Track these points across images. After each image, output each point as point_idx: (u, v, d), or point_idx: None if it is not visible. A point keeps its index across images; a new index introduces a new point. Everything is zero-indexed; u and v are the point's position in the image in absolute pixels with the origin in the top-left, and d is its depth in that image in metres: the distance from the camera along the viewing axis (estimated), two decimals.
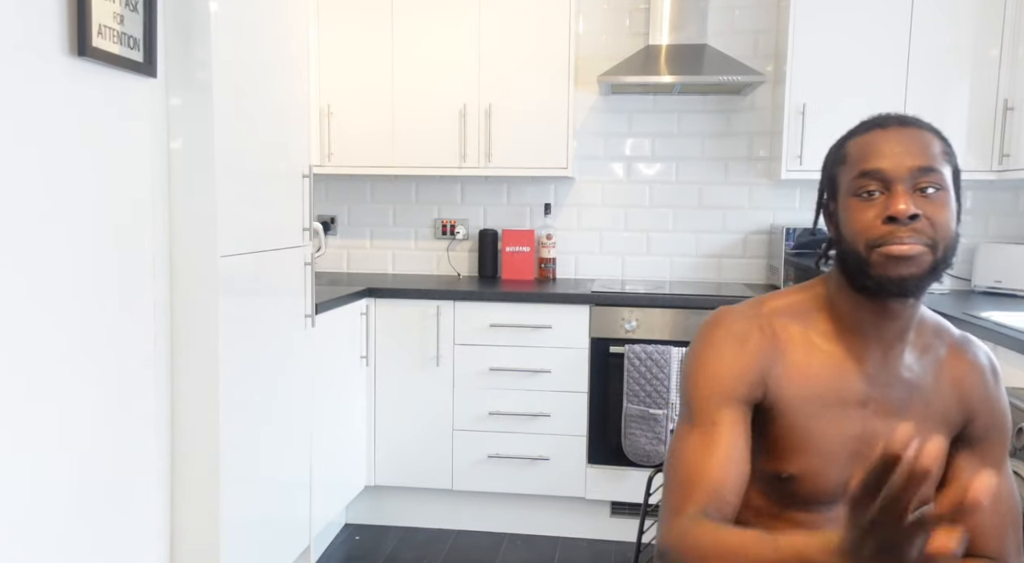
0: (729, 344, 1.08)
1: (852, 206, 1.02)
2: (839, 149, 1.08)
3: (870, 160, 1.01)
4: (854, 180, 1.02)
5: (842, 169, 1.05)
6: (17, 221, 1.43)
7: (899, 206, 0.97)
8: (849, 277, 1.04)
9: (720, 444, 1.03)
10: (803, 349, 1.08)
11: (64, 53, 1.53)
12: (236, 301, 2.04)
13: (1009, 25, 2.92)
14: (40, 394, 1.50)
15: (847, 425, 1.07)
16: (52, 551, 1.55)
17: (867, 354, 1.08)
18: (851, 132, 1.08)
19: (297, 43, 2.40)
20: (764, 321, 1.10)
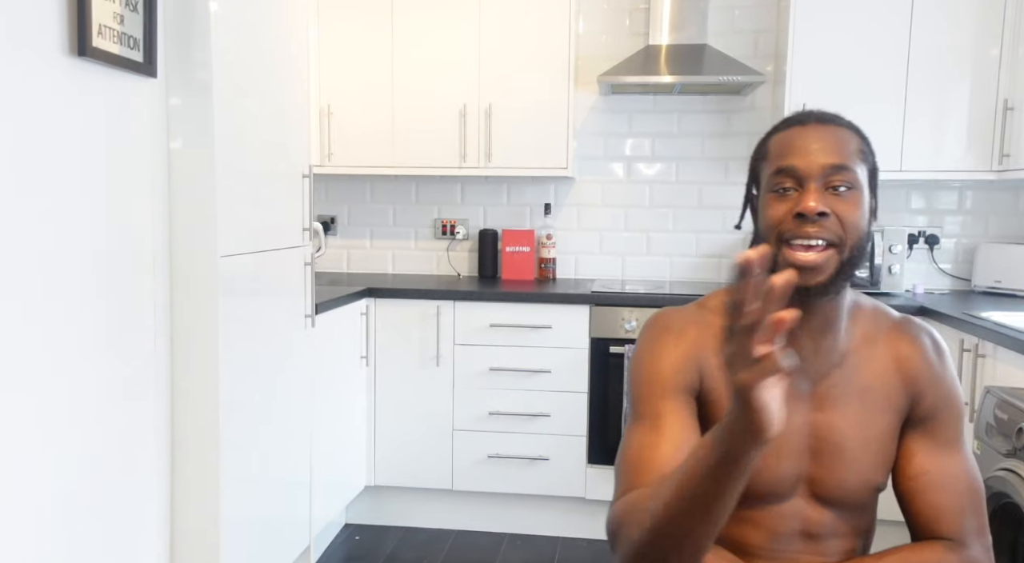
0: (665, 339, 1.10)
1: (768, 201, 1.05)
2: (762, 145, 1.10)
3: (786, 157, 1.04)
4: (771, 176, 1.05)
5: (763, 164, 1.08)
6: (17, 221, 1.43)
7: (808, 203, 0.99)
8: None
9: (665, 433, 1.03)
10: None
11: (64, 53, 1.53)
12: (236, 301, 2.04)
13: (1009, 25, 2.92)
14: (40, 394, 1.50)
15: (788, 420, 1.06)
16: (52, 551, 1.55)
17: (800, 349, 1.08)
18: (775, 128, 1.10)
19: (297, 43, 2.40)
20: (701, 317, 1.12)
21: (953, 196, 3.34)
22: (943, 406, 1.11)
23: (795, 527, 1.09)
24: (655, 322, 1.13)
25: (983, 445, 1.97)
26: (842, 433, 1.08)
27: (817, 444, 1.08)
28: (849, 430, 1.08)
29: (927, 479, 1.09)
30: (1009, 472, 1.79)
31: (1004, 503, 1.82)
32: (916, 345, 1.13)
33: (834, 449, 1.08)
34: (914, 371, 1.12)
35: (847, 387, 1.09)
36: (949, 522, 1.07)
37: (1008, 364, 2.21)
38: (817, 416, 1.08)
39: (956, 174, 3.02)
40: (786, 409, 1.07)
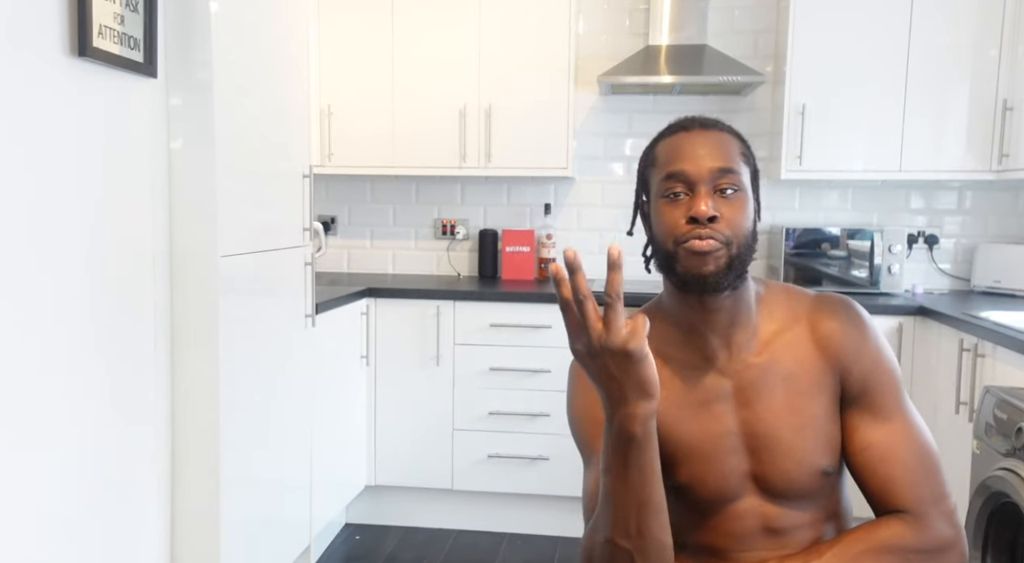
0: (577, 384, 1.13)
1: (661, 207, 1.07)
2: (650, 151, 1.11)
3: (675, 162, 1.06)
4: (662, 182, 1.06)
5: (652, 171, 1.10)
6: (17, 221, 1.43)
7: (700, 207, 1.03)
8: (664, 275, 1.09)
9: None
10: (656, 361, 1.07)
11: (65, 53, 1.53)
12: (236, 301, 2.04)
13: (1009, 25, 2.92)
14: (40, 394, 1.51)
15: (716, 423, 1.09)
16: (53, 551, 1.55)
17: (711, 350, 1.10)
18: (660, 135, 1.12)
19: (297, 43, 2.40)
20: None
21: (952, 196, 3.34)
22: (873, 376, 1.09)
23: (755, 525, 1.10)
24: (573, 365, 1.15)
25: (983, 445, 1.97)
26: (772, 425, 1.08)
27: (751, 440, 1.09)
28: (779, 420, 1.08)
29: (872, 452, 1.07)
30: (1009, 472, 1.79)
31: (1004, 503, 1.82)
32: (833, 320, 1.11)
33: (768, 442, 1.08)
34: (835, 347, 1.10)
35: (768, 377, 1.09)
36: (903, 494, 1.05)
37: (1008, 364, 2.21)
38: (744, 412, 1.09)
39: (955, 174, 3.02)
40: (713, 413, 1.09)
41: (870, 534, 1.04)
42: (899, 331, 2.81)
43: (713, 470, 1.08)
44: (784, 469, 1.08)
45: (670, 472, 1.09)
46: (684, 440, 1.09)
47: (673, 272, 1.06)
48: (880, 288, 3.09)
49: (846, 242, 3.15)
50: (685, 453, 1.09)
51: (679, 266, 1.05)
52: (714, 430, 1.09)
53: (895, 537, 1.03)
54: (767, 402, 1.09)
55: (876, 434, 1.08)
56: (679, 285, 1.07)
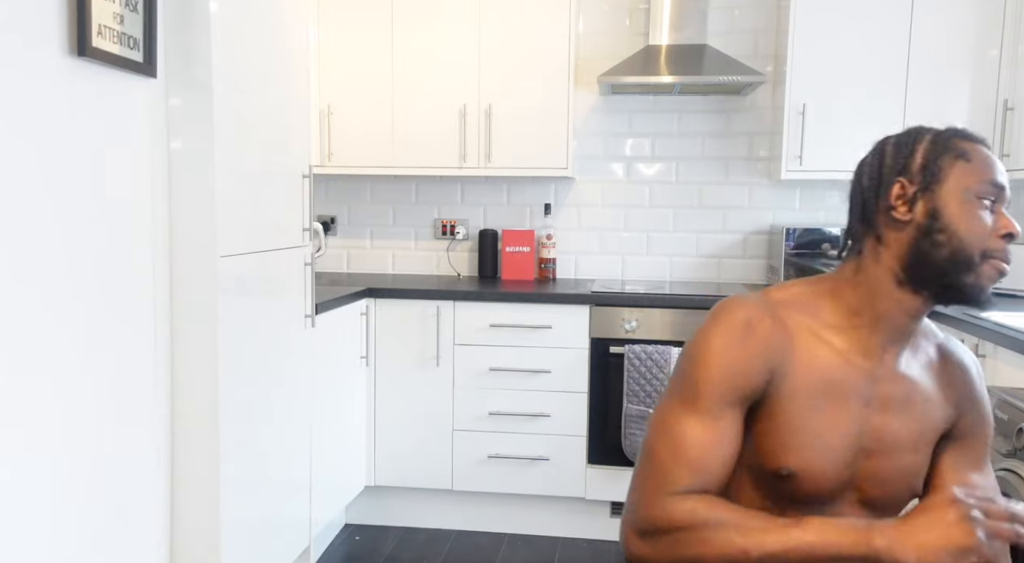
0: (740, 334, 1.06)
1: (974, 207, 1.02)
2: (947, 142, 1.06)
3: (995, 173, 1.04)
4: (983, 184, 1.03)
5: (959, 165, 1.04)
6: (17, 221, 1.43)
7: (1017, 227, 1.02)
8: (929, 272, 1.04)
9: (721, 436, 1.04)
10: (811, 340, 1.08)
11: (64, 53, 1.53)
12: (236, 301, 2.04)
13: (1009, 25, 2.92)
14: (39, 394, 1.50)
15: (848, 421, 1.07)
16: (52, 551, 1.55)
17: (874, 350, 1.09)
18: (953, 133, 1.07)
19: (297, 43, 2.40)
20: (774, 311, 1.09)
21: None
22: (978, 426, 1.15)
23: None
24: (735, 314, 1.07)
25: None
26: (898, 439, 1.09)
27: (873, 446, 1.09)
28: (905, 436, 1.10)
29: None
30: (1009, 472, 1.79)
31: None
32: (963, 366, 1.16)
33: (888, 453, 1.09)
34: (959, 390, 1.15)
35: (911, 394, 1.11)
36: None
37: (1008, 364, 2.21)
38: (877, 419, 1.09)
39: None
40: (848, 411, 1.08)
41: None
42: None
43: (827, 465, 1.07)
44: (890, 483, 1.10)
45: (783, 455, 1.07)
46: (811, 427, 1.07)
47: (962, 281, 1.03)
48: None
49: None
50: (807, 441, 1.07)
51: (973, 277, 1.03)
52: (843, 426, 1.07)
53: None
54: (902, 417, 1.10)
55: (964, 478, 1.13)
56: (959, 295, 1.05)
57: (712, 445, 1.03)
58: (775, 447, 1.07)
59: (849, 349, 1.09)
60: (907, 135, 1.09)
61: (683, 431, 1.04)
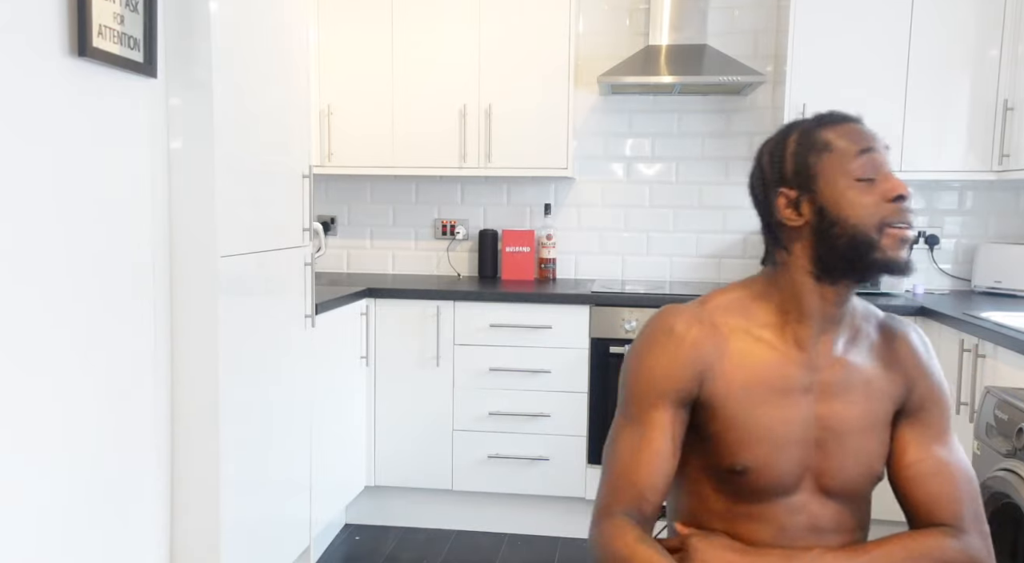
0: (667, 341, 1.11)
1: (855, 189, 1.05)
2: (811, 138, 1.09)
3: (860, 142, 1.06)
4: (853, 166, 1.05)
5: (825, 158, 1.07)
6: (17, 221, 1.43)
7: (902, 185, 1.04)
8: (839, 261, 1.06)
9: (651, 444, 1.08)
10: (745, 340, 1.11)
11: (64, 53, 1.53)
12: (236, 301, 2.04)
13: (1009, 25, 2.92)
14: (40, 394, 1.50)
15: (793, 412, 1.10)
16: (52, 551, 1.55)
17: (808, 341, 1.11)
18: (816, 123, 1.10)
19: (297, 43, 2.40)
20: (704, 316, 1.13)
21: (953, 196, 3.34)
22: (933, 398, 1.16)
23: (803, 521, 1.11)
24: (660, 322, 1.13)
25: (983, 445, 1.97)
26: (847, 423, 1.10)
27: (822, 434, 1.10)
28: (853, 421, 1.11)
29: (922, 467, 1.12)
30: (1009, 472, 1.79)
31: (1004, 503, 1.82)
32: (906, 341, 1.17)
33: (839, 439, 1.10)
34: (905, 364, 1.16)
35: (853, 378, 1.12)
36: (947, 509, 1.10)
37: (1008, 364, 2.21)
38: (823, 407, 1.11)
39: (956, 174, 3.02)
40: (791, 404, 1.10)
41: (914, 541, 1.07)
42: None
43: (778, 457, 1.09)
44: (847, 468, 1.11)
45: (735, 453, 1.10)
46: (757, 422, 1.09)
47: (865, 258, 1.05)
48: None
49: None
50: (756, 436, 1.09)
51: (878, 253, 1.04)
52: (789, 418, 1.09)
53: (938, 548, 1.06)
54: (847, 401, 1.11)
55: (927, 452, 1.13)
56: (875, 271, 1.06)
57: (639, 452, 1.08)
58: (727, 446, 1.10)
59: (783, 343, 1.12)
60: (777, 140, 1.13)
61: (617, 446, 1.11)
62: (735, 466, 1.10)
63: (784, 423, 1.09)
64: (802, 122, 1.13)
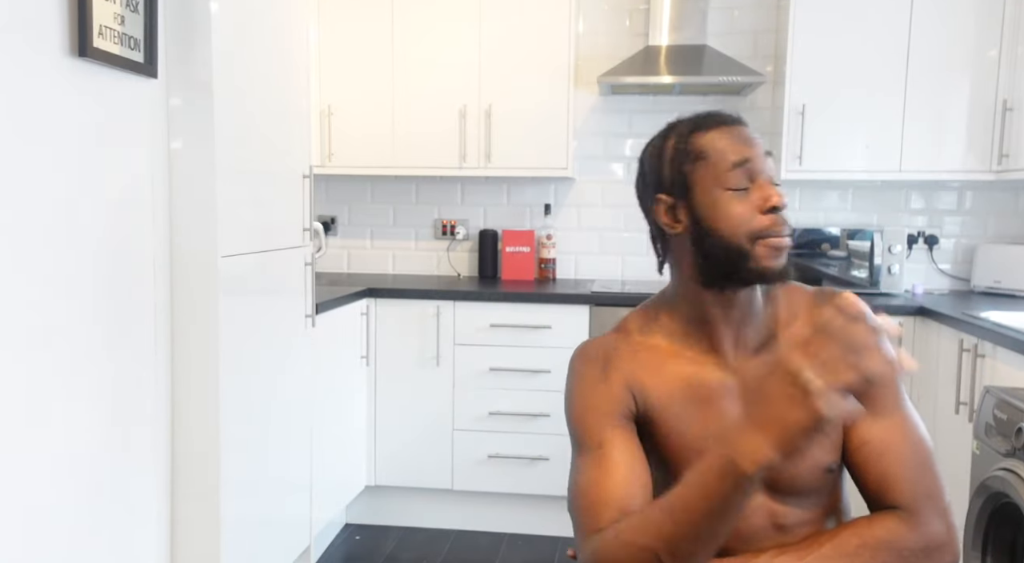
0: (592, 370, 1.10)
1: (727, 200, 1.03)
2: (684, 145, 1.06)
3: (736, 152, 1.03)
4: (727, 173, 1.03)
5: (700, 166, 1.05)
6: (17, 221, 1.43)
7: (778, 197, 1.02)
8: (716, 270, 1.05)
9: (613, 461, 1.04)
10: (659, 356, 1.10)
11: (65, 54, 1.53)
12: (236, 301, 2.04)
13: (1009, 25, 2.92)
14: (40, 394, 1.50)
15: (719, 418, 1.07)
16: (52, 551, 1.55)
17: (720, 344, 1.09)
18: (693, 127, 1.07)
19: (297, 43, 2.40)
20: (619, 339, 1.12)
21: (952, 196, 3.34)
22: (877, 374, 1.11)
23: (762, 522, 1.09)
24: (579, 355, 1.13)
25: (983, 445, 1.97)
26: None
27: None
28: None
29: (870, 449, 1.07)
30: (1009, 472, 1.79)
31: (1004, 503, 1.82)
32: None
33: None
34: None
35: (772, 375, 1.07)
36: (899, 490, 1.05)
37: (1008, 364, 2.21)
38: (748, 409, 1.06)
39: (955, 174, 3.02)
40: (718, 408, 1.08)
41: (866, 529, 1.03)
42: None
43: None
44: (791, 466, 1.06)
45: (676, 469, 1.06)
46: (688, 437, 1.07)
47: (745, 269, 1.03)
48: (880, 288, 3.09)
49: (846, 242, 3.15)
50: (690, 449, 1.07)
51: (752, 262, 1.03)
52: (716, 424, 1.07)
53: (890, 533, 1.02)
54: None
55: (874, 430, 1.07)
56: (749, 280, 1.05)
57: (603, 478, 1.03)
58: (667, 463, 1.08)
59: (698, 352, 1.10)
60: (656, 144, 1.11)
61: (579, 477, 1.06)
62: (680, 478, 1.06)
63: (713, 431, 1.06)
64: (679, 125, 1.10)
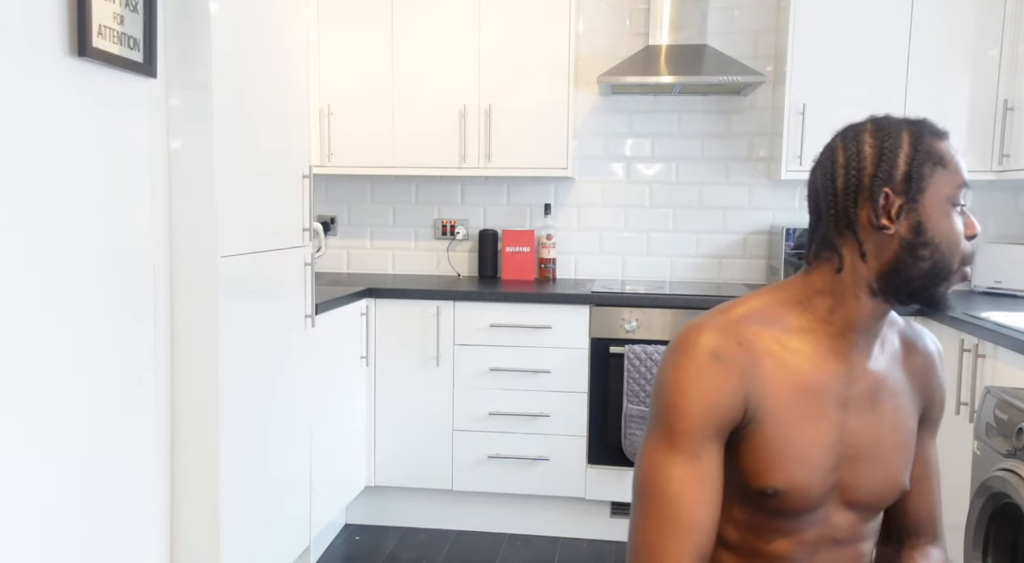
0: (708, 367, 1.01)
1: (953, 215, 1.00)
2: (926, 145, 1.00)
3: (964, 172, 1.01)
4: (958, 190, 1.00)
5: (938, 172, 0.99)
6: (16, 221, 1.43)
7: (978, 227, 1.02)
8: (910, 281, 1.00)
9: (706, 481, 1.00)
10: (779, 355, 1.04)
11: (64, 53, 1.53)
12: (236, 301, 2.04)
13: (1009, 25, 2.92)
14: (40, 394, 1.50)
15: (827, 430, 1.04)
16: (52, 551, 1.55)
17: (844, 354, 1.06)
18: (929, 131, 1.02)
19: (297, 43, 2.40)
20: (738, 332, 1.03)
21: None
22: (941, 405, 1.16)
23: (823, 534, 1.08)
24: (698, 345, 1.02)
25: (983, 445, 1.97)
26: (877, 439, 1.07)
27: (852, 451, 1.06)
28: (883, 436, 1.07)
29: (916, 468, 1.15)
30: (1009, 472, 1.79)
31: (1004, 503, 1.82)
32: (927, 354, 1.15)
33: (869, 456, 1.06)
34: (926, 378, 1.14)
35: (883, 390, 1.08)
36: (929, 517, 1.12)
37: (1008, 364, 2.21)
38: (855, 422, 1.06)
39: None
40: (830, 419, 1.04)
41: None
42: None
43: (814, 478, 1.03)
44: (876, 484, 1.07)
45: (767, 476, 1.03)
46: (793, 444, 1.03)
47: (935, 286, 1.01)
48: None
49: None
50: (791, 459, 1.03)
51: (945, 286, 1.01)
52: (824, 437, 1.04)
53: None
54: (878, 415, 1.07)
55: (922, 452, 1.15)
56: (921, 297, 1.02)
57: (694, 486, 0.99)
58: (759, 468, 1.03)
59: (819, 355, 1.05)
60: (884, 135, 1.03)
61: (668, 478, 1.00)
62: (766, 489, 1.03)
63: (819, 444, 1.03)
64: (904, 121, 1.04)
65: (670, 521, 0.99)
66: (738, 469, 1.05)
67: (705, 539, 0.99)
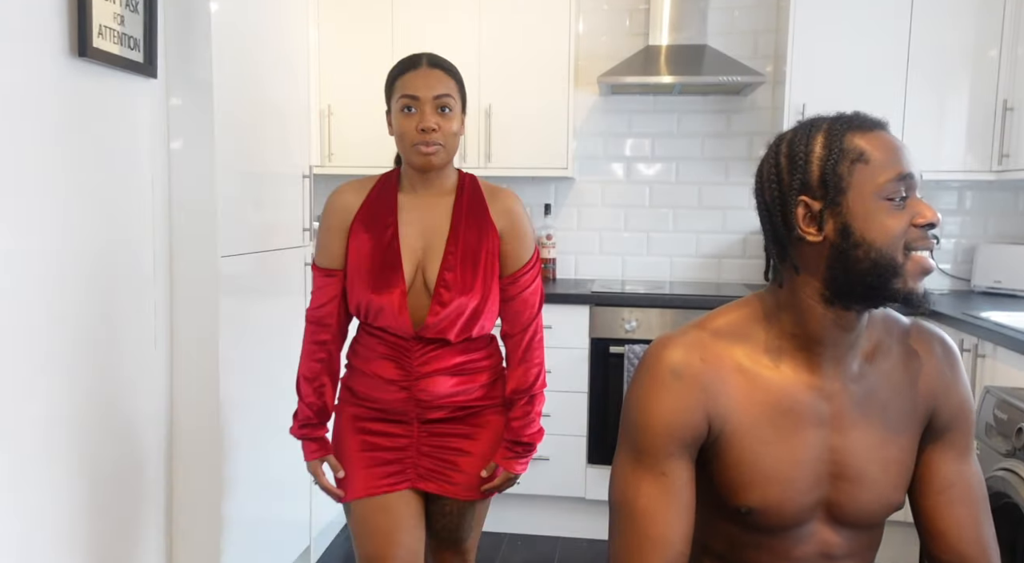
0: (668, 384, 1.00)
1: (886, 211, 0.94)
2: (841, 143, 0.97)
3: (898, 163, 0.95)
4: (889, 183, 0.94)
5: (858, 169, 0.96)
6: (17, 221, 1.43)
7: (934, 214, 0.94)
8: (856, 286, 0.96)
9: (677, 497, 0.99)
10: (748, 373, 1.02)
11: (65, 54, 1.53)
12: (236, 301, 2.04)
13: (1009, 25, 2.92)
14: (40, 394, 1.50)
15: (805, 447, 1.01)
16: (52, 551, 1.55)
17: (820, 367, 1.02)
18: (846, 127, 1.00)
19: (297, 43, 2.40)
20: (705, 347, 1.02)
21: (953, 196, 3.34)
22: (959, 415, 1.08)
23: (812, 550, 1.05)
24: (662, 361, 1.01)
25: (983, 445, 1.97)
26: (863, 457, 1.02)
27: (837, 469, 1.03)
28: (870, 453, 1.03)
29: (952, 493, 1.05)
30: (1009, 472, 1.79)
31: (1004, 503, 1.82)
32: (931, 357, 1.08)
33: (855, 474, 1.03)
34: (930, 384, 1.07)
35: (867, 405, 1.03)
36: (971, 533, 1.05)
37: (1008, 364, 2.21)
38: (837, 439, 1.02)
39: (956, 174, 3.02)
40: (804, 436, 1.01)
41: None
42: None
43: (790, 497, 1.01)
44: (862, 501, 1.03)
45: (741, 494, 1.02)
46: (764, 461, 1.01)
47: (886, 285, 0.95)
48: None
49: None
50: (764, 476, 1.01)
51: (899, 282, 0.95)
52: (801, 455, 1.01)
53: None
54: (863, 432, 1.03)
55: (958, 475, 1.06)
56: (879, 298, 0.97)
57: (662, 503, 0.99)
58: (733, 487, 1.02)
59: (794, 371, 1.02)
60: (799, 140, 1.01)
61: (637, 495, 1.00)
62: (740, 508, 1.02)
63: (795, 462, 1.00)
64: (826, 121, 1.02)
65: (641, 537, 0.99)
66: (714, 491, 1.04)
67: (676, 554, 0.99)
